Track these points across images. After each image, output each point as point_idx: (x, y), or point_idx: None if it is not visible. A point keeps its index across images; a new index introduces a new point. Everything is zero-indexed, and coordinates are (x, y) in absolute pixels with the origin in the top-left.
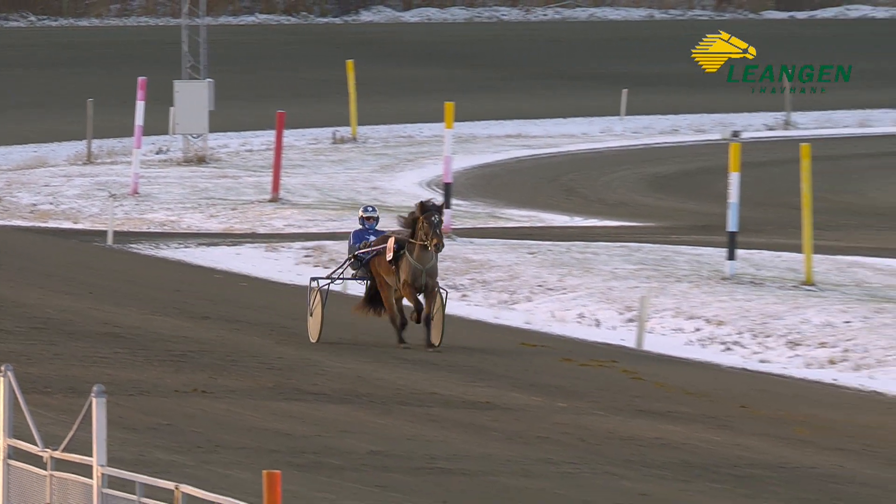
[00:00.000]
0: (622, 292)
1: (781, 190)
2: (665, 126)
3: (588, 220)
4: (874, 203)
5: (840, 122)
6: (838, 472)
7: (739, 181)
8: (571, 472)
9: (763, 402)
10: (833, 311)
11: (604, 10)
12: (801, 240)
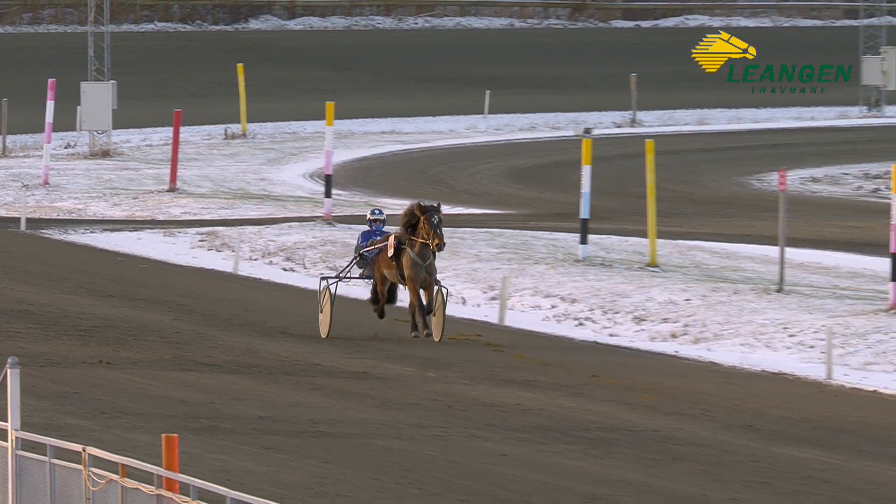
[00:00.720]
0: (486, 273)
1: (629, 181)
2: (524, 124)
3: (455, 208)
4: (711, 193)
5: (681, 120)
6: (679, 435)
7: (591, 173)
8: (440, 435)
9: (612, 371)
10: (675, 290)
11: (468, 19)
12: (646, 226)
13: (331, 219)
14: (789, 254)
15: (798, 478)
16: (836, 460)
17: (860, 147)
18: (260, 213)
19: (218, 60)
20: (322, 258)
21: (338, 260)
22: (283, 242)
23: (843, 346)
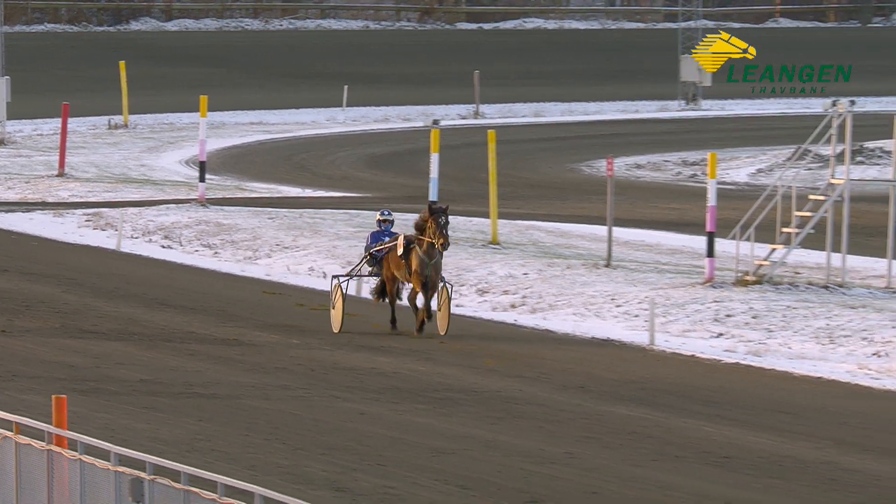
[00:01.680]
0: (344, 250)
1: (472, 167)
2: (378, 116)
3: (317, 191)
4: (546, 178)
5: (519, 113)
6: (518, 395)
7: (438, 160)
8: (303, 396)
9: (458, 338)
10: (514, 265)
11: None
12: (488, 208)
13: (204, 201)
14: (616, 233)
15: (624, 433)
16: (657, 417)
17: (679, 137)
18: (141, 196)
19: (102, 58)
20: (196, 236)
21: (211, 238)
22: (161, 222)
23: (664, 315)
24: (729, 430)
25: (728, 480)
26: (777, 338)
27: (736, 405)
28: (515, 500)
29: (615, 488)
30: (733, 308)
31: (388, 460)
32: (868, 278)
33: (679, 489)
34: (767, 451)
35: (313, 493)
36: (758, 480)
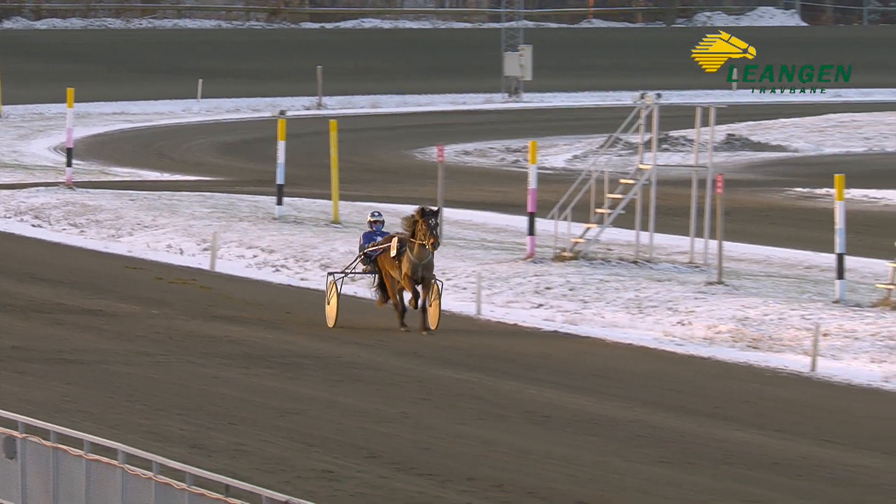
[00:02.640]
0: (200, 228)
1: (316, 154)
2: (230, 107)
3: (174, 175)
4: (383, 163)
5: (358, 104)
6: (358, 360)
7: (285, 147)
8: (162, 362)
9: (303, 309)
10: (353, 243)
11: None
12: (330, 190)
13: (71, 184)
14: (446, 213)
15: (453, 395)
16: (485, 381)
17: (503, 126)
18: (13, 179)
19: None
20: (64, 216)
21: (77, 217)
22: (31, 203)
23: (490, 288)
24: (548, 392)
25: (547, 437)
26: (591, 308)
27: (555, 369)
28: (355, 456)
29: (445, 445)
30: (552, 281)
31: (239, 420)
32: (672, 254)
33: (503, 445)
34: (583, 411)
35: (171, 450)
36: (574, 437)
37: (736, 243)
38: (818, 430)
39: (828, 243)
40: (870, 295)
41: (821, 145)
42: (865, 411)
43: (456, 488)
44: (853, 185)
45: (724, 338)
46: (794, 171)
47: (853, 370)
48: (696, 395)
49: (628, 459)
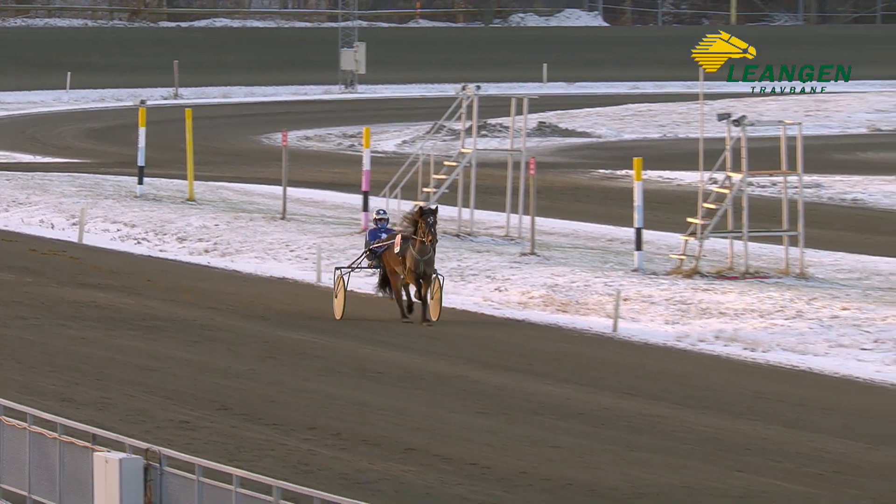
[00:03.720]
0: (69, 205)
1: (173, 139)
2: (96, 97)
3: (46, 158)
4: (233, 147)
5: (210, 95)
6: (211, 323)
7: (145, 133)
8: (35, 325)
9: (162, 277)
10: (207, 218)
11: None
12: (186, 171)
13: None
14: (290, 192)
15: (297, 354)
16: (324, 341)
17: (340, 115)
18: None
19: None
20: None
21: None
22: None
23: (329, 258)
24: (381, 351)
25: (380, 391)
26: None
27: (388, 331)
28: (208, 408)
29: (289, 398)
30: None
31: (105, 376)
32: (491, 229)
33: (341, 398)
34: (412, 368)
35: (44, 403)
36: (404, 391)
37: (547, 219)
38: (619, 384)
39: (627, 219)
40: (664, 264)
41: (621, 132)
42: (660, 367)
43: (299, 437)
44: (649, 167)
45: (536, 302)
46: (597, 154)
47: (650, 331)
48: (511, 353)
49: (452, 410)
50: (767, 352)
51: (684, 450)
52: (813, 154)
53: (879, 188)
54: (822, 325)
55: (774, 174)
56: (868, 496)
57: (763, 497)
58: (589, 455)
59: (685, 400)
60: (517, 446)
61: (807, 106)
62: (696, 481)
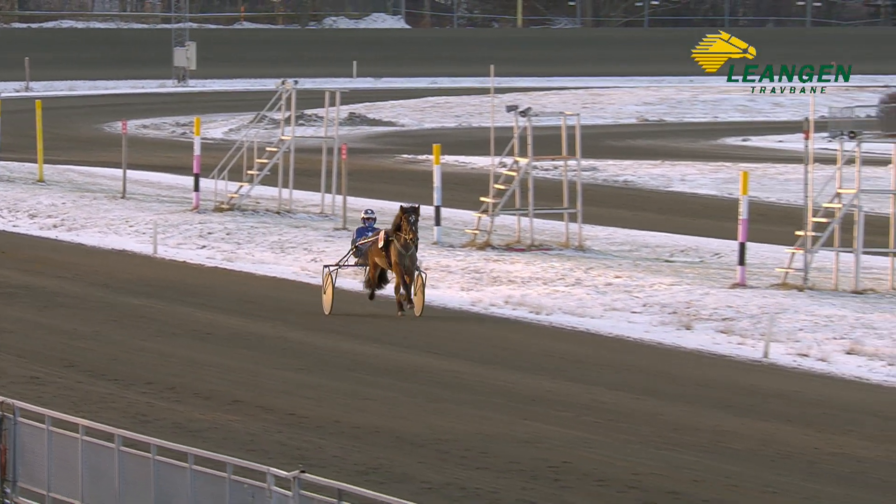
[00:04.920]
0: None
1: (25, 126)
2: None
3: None
4: (78, 135)
5: (58, 88)
6: (59, 290)
7: (1, 121)
8: None
9: (15, 250)
10: (55, 197)
11: None
12: (36, 156)
13: None
14: (129, 174)
15: (136, 317)
16: (160, 305)
17: (173, 106)
18: None
19: None
20: None
21: None
22: None
23: (164, 232)
24: (211, 315)
25: (210, 350)
26: (244, 249)
27: (216, 296)
28: (57, 365)
29: (129, 356)
30: (213, 227)
31: None
32: (308, 206)
33: (175, 356)
34: (238, 329)
35: None
36: (232, 350)
37: (357, 198)
38: (422, 343)
39: (427, 198)
40: (460, 238)
41: (422, 121)
42: (456, 329)
43: (138, 391)
44: (447, 152)
45: (349, 271)
46: (401, 141)
47: (447, 297)
48: (326, 316)
49: (274, 367)
50: (550, 315)
51: (479, 401)
52: (589, 141)
53: (647, 171)
54: (597, 291)
55: (556, 159)
56: (637, 440)
57: (548, 441)
58: (395, 406)
59: (480, 357)
60: (331, 398)
61: (584, 99)
62: (489, 428)
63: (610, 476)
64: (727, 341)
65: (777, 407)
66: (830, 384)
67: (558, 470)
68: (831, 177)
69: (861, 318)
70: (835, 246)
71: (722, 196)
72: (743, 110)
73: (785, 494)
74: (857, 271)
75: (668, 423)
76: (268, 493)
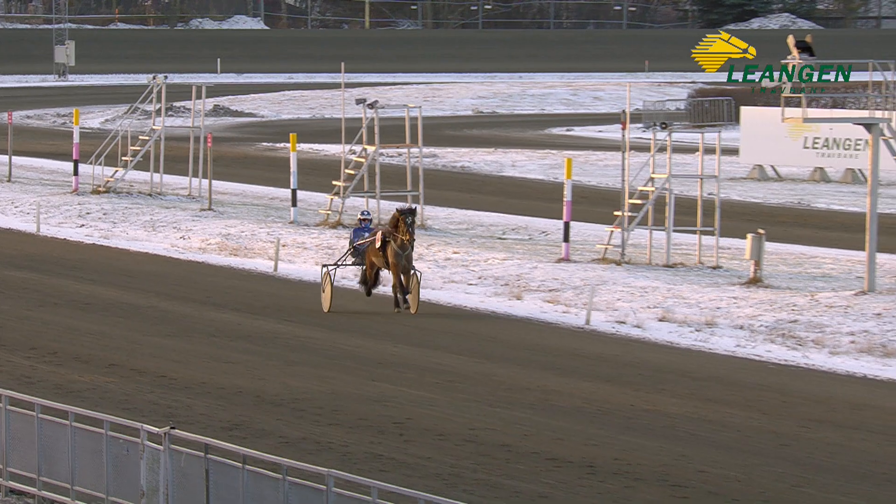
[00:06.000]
0: None
1: None
2: None
3: None
4: None
5: None
6: None
7: None
8: None
9: None
10: None
11: None
12: None
13: None
14: (15, 160)
15: (19, 289)
16: (43, 279)
17: (54, 98)
18: None
19: None
20: None
21: None
22: None
23: (47, 213)
24: (89, 286)
25: (88, 318)
26: (119, 227)
27: (94, 270)
28: None
29: (14, 324)
30: (91, 208)
31: None
32: (177, 189)
33: (56, 324)
34: (114, 300)
35: None
36: (107, 318)
37: (221, 181)
38: (279, 312)
39: (285, 181)
40: (314, 218)
41: (279, 113)
42: (309, 298)
43: (22, 355)
44: (302, 141)
45: (214, 248)
46: (261, 131)
47: (303, 270)
48: (193, 288)
49: (146, 334)
50: None
51: (331, 364)
52: (430, 131)
53: (482, 158)
54: (438, 265)
55: (400, 147)
56: (473, 399)
57: (393, 400)
58: (255, 369)
59: (331, 324)
60: (198, 362)
61: (425, 93)
62: (340, 388)
63: (449, 431)
64: (553, 310)
65: (598, 369)
66: (645, 348)
67: (402, 426)
68: (645, 163)
69: (672, 290)
70: (649, 225)
71: (549, 180)
72: (567, 103)
73: (604, 446)
74: (668, 248)
75: (501, 384)
76: (141, 447)
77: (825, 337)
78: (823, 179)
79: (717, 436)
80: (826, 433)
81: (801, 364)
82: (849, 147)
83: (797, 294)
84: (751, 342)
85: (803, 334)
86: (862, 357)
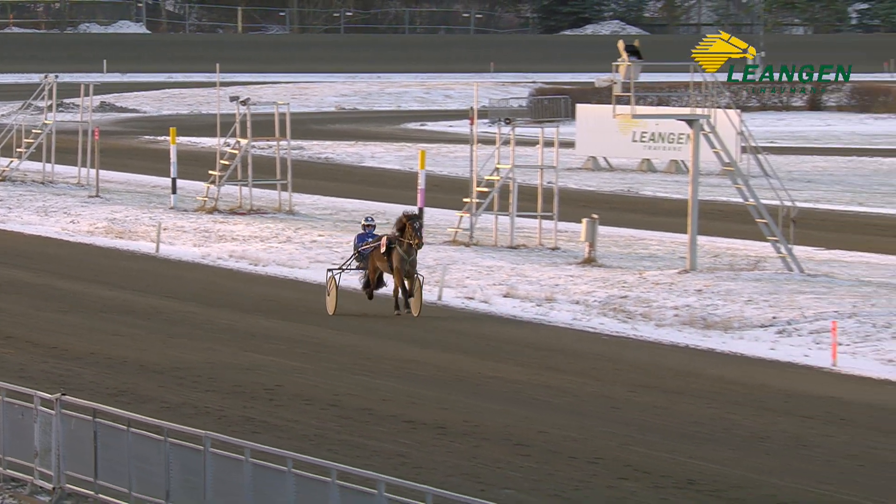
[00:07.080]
0: None
1: None
2: None
3: None
4: None
5: None
6: None
7: None
8: None
9: None
10: None
11: None
12: None
13: None
14: None
15: None
16: None
17: None
18: None
19: None
20: None
21: None
22: None
23: None
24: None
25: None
26: (14, 212)
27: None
28: None
29: None
30: None
31: None
32: (67, 178)
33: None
34: (11, 278)
35: None
36: (6, 295)
37: (108, 171)
38: (161, 289)
39: (166, 171)
40: (192, 204)
41: (161, 109)
42: (188, 277)
43: None
44: (182, 134)
45: (101, 231)
46: (144, 125)
47: (182, 251)
48: (82, 268)
49: (41, 310)
50: (266, 266)
51: (208, 336)
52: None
53: (344, 150)
54: (304, 247)
55: (270, 139)
56: (337, 368)
57: (264, 369)
58: (139, 341)
59: (208, 301)
60: (88, 335)
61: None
62: (216, 358)
63: (315, 396)
64: None
65: (450, 340)
66: (492, 321)
67: (273, 392)
68: (491, 154)
69: (516, 269)
70: (494, 210)
71: (404, 170)
72: (421, 101)
73: (455, 410)
74: (512, 231)
75: (363, 353)
76: (35, 412)
77: (652, 311)
78: (650, 170)
79: (556, 400)
80: (653, 397)
81: (630, 335)
82: (672, 141)
83: (627, 272)
84: (586, 316)
85: (632, 308)
86: (685, 329)
